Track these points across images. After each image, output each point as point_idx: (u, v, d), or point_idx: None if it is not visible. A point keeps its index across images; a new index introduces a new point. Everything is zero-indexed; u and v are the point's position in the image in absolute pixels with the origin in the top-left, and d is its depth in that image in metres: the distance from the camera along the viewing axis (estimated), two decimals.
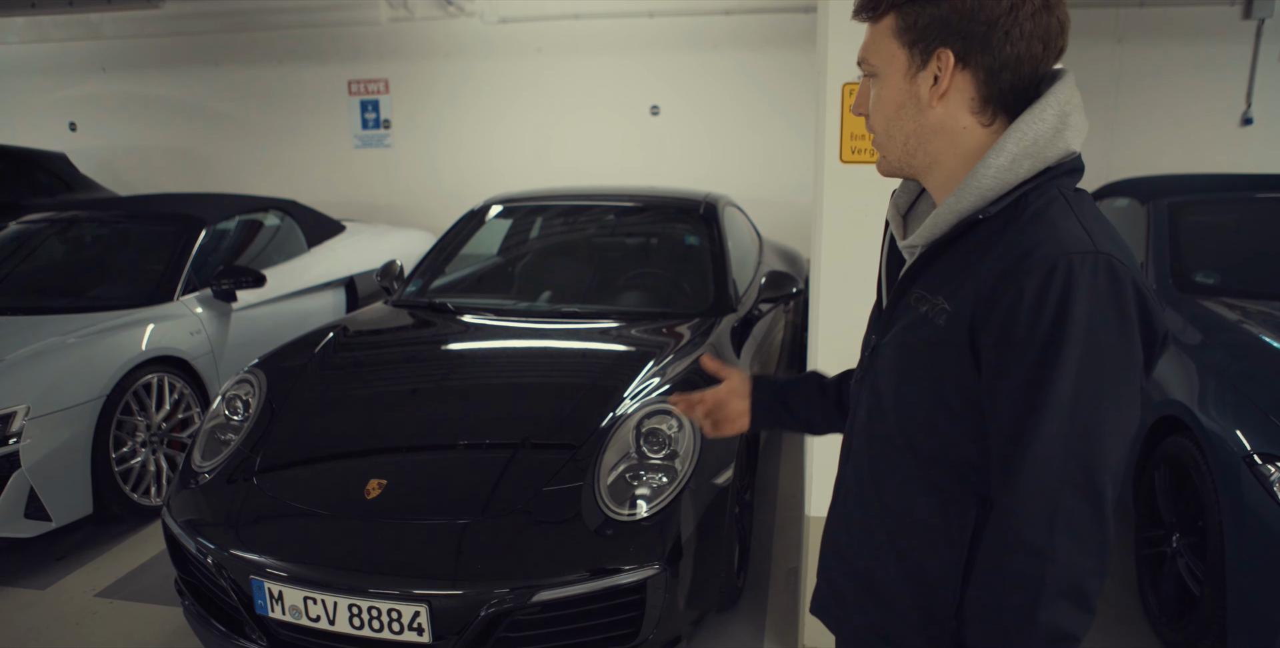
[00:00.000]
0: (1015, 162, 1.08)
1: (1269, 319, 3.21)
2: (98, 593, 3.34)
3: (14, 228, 4.98)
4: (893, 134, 1.17)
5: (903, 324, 1.17)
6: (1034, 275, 0.99)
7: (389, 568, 2.37)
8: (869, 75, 1.19)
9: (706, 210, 4.32)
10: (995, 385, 1.04)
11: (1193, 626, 2.67)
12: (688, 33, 7.75)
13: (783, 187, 7.49)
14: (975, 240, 1.11)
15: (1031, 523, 1.01)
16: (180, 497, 2.77)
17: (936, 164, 1.16)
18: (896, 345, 1.18)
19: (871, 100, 1.19)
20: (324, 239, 5.76)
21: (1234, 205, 4.15)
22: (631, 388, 2.93)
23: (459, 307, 3.87)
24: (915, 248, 1.19)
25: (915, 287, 1.17)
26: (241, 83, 8.78)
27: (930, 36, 1.09)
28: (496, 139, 8.28)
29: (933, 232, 1.14)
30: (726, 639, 2.98)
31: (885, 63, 1.15)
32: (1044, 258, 1.00)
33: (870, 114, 1.20)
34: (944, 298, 1.10)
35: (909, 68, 1.13)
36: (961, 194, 1.10)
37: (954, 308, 1.08)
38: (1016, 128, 1.08)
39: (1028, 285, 1.00)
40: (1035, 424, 1.00)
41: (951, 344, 1.08)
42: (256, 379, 3.14)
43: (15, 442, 3.30)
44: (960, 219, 1.11)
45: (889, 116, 1.17)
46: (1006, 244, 1.05)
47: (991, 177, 1.08)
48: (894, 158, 1.19)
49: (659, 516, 2.50)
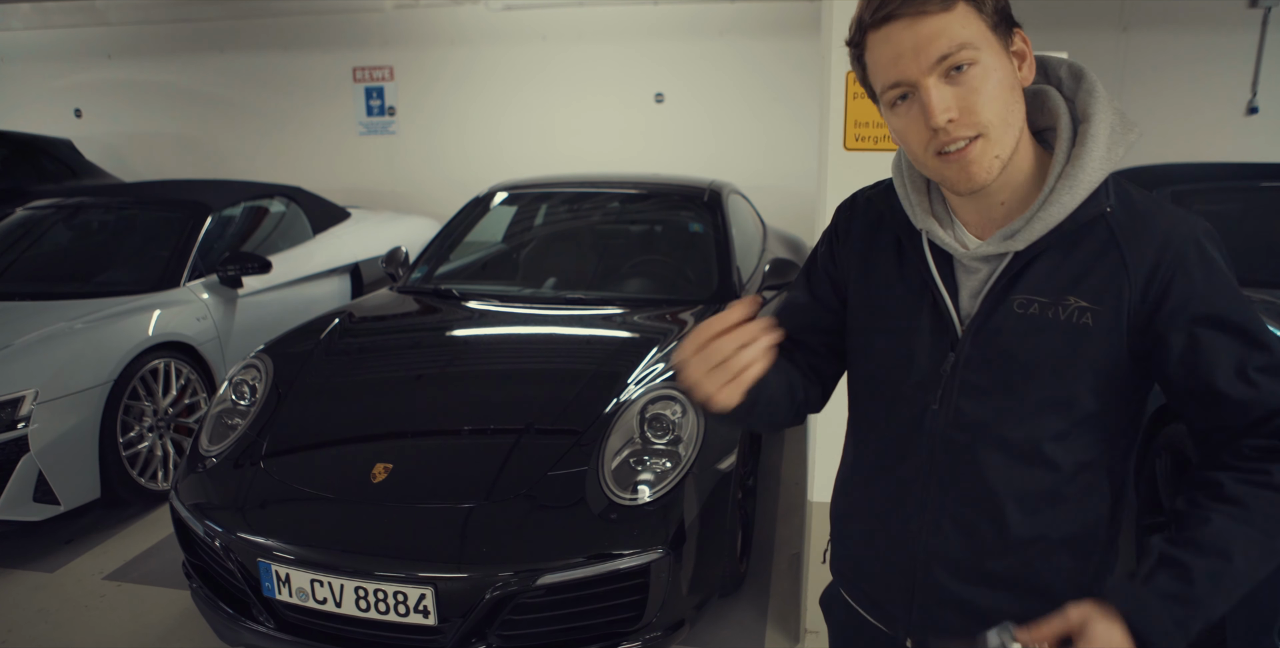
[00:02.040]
0: (1110, 149, 1.09)
1: (1272, 308, 3.21)
2: (106, 576, 3.38)
3: (21, 214, 5.00)
4: (1010, 122, 1.07)
5: (1011, 332, 1.14)
6: (1189, 256, 1.07)
7: (395, 551, 2.40)
8: (956, 67, 1.03)
9: (711, 198, 4.32)
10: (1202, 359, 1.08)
11: None
12: (692, 20, 7.72)
13: (786, 174, 7.47)
14: (1085, 232, 1.11)
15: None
16: (188, 481, 2.80)
17: (1019, 155, 1.11)
18: (1012, 354, 1.14)
19: (967, 95, 1.04)
20: (329, 226, 5.78)
21: (1239, 194, 4.14)
22: (635, 374, 2.95)
23: (464, 293, 3.88)
24: (1003, 254, 1.14)
25: (1015, 293, 1.13)
26: (246, 69, 8.77)
27: (1007, 13, 1.08)
28: (501, 126, 8.27)
29: (1042, 232, 1.10)
30: (729, 624, 3.00)
31: (985, 45, 1.04)
32: (1185, 237, 1.08)
33: (973, 108, 1.04)
34: (1078, 298, 1.10)
35: (1003, 47, 1.07)
36: (1075, 189, 1.08)
37: (1105, 305, 1.09)
38: (1097, 120, 1.10)
39: (1189, 265, 1.07)
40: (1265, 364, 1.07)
41: (1108, 341, 1.10)
42: (263, 364, 3.16)
43: (24, 426, 3.32)
44: (1070, 214, 1.09)
45: (1006, 102, 1.06)
46: (1141, 233, 1.09)
47: (1097, 168, 1.09)
48: (1008, 150, 1.08)
49: (662, 500, 2.52)
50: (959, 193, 1.13)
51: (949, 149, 1.06)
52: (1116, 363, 1.11)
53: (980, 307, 1.16)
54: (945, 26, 1.02)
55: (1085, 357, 1.10)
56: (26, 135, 7.64)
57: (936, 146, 1.07)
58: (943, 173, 1.10)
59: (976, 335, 1.16)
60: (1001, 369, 1.14)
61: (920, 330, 1.21)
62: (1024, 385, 1.13)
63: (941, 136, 1.05)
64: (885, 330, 1.26)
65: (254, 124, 8.89)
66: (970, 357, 1.16)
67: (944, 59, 1.03)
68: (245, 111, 8.88)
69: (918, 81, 1.04)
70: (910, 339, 1.22)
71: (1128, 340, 1.10)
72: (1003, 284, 1.14)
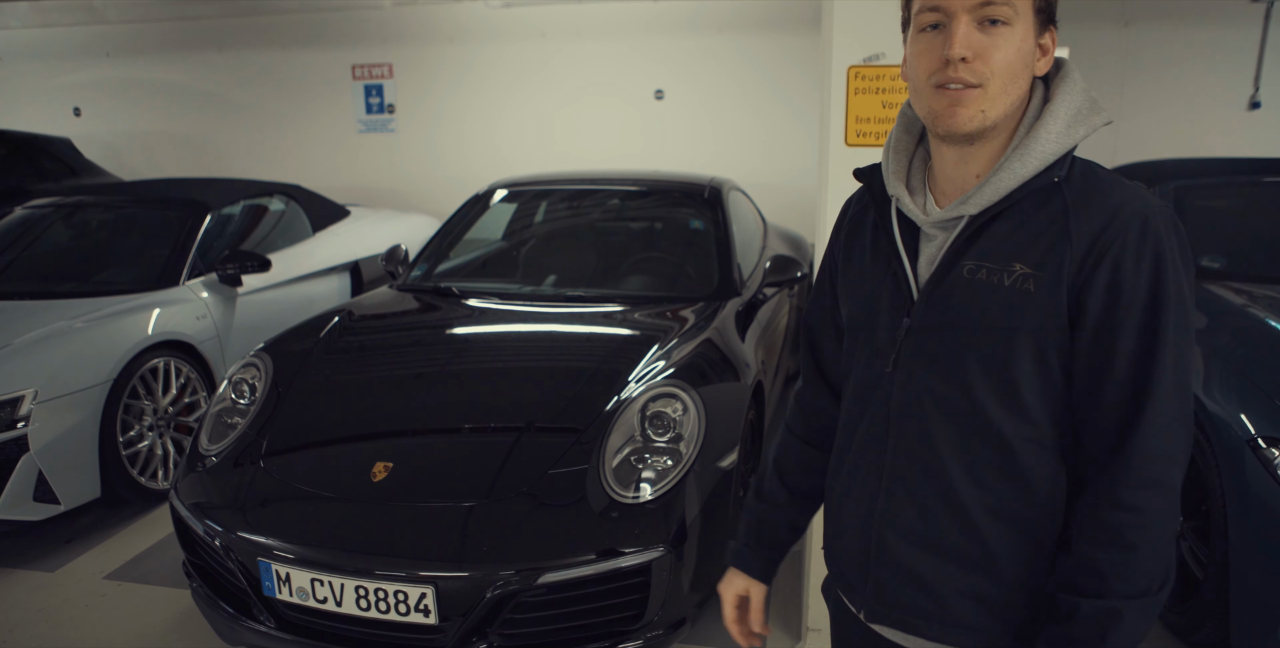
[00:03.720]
0: (1070, 127, 1.14)
1: (1275, 303, 3.20)
2: (106, 575, 3.37)
3: (20, 213, 4.99)
4: (1009, 90, 1.13)
5: (960, 296, 1.16)
6: (1132, 231, 1.08)
7: (395, 550, 2.39)
8: (990, 20, 1.10)
9: (711, 195, 4.31)
10: (1107, 335, 1.09)
11: (1195, 608, 2.68)
12: (692, 17, 7.70)
13: (787, 171, 7.46)
14: (1039, 204, 1.14)
15: (1155, 459, 1.09)
16: (188, 480, 2.79)
17: (1007, 129, 1.17)
18: (959, 318, 1.16)
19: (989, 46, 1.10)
20: (329, 224, 5.77)
21: (1241, 189, 4.13)
22: (636, 371, 2.94)
23: (464, 291, 3.87)
24: (958, 219, 1.18)
25: (966, 258, 1.16)
26: (245, 68, 8.76)
27: (1052, 11, 1.16)
28: (501, 124, 8.26)
29: (993, 197, 1.15)
30: None
31: (1023, 16, 1.12)
32: (1135, 213, 1.09)
33: (987, 59, 1.11)
34: (1023, 265, 1.12)
35: (1036, 28, 1.14)
36: (1026, 158, 1.13)
37: (1046, 272, 1.11)
38: (1061, 98, 1.15)
39: (1129, 239, 1.07)
40: (1154, 366, 1.08)
41: (1048, 307, 1.11)
42: (262, 363, 3.15)
43: (23, 426, 3.32)
44: (1022, 183, 1.14)
45: (1015, 70, 1.13)
46: (1091, 205, 1.11)
47: (1053, 141, 1.13)
48: (996, 113, 1.13)
49: (664, 498, 2.51)
50: (938, 133, 1.17)
51: (950, 86, 1.12)
52: (1058, 331, 1.11)
53: (933, 272, 1.20)
54: None
55: (1027, 324, 1.12)
56: (25, 134, 7.63)
57: (940, 79, 1.12)
58: (932, 105, 1.15)
59: (929, 300, 1.19)
60: (950, 334, 1.17)
61: (882, 297, 1.26)
62: (969, 351, 1.16)
63: (950, 71, 1.11)
64: (856, 301, 1.31)
65: (253, 122, 8.87)
66: (922, 322, 1.20)
67: (986, 5, 1.10)
68: (244, 110, 8.87)
69: (955, 13, 1.10)
70: (874, 306, 1.27)
71: (1067, 309, 1.11)
72: (955, 249, 1.18)
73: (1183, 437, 1.11)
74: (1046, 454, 1.16)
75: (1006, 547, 1.18)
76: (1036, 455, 1.16)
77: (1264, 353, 2.80)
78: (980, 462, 1.17)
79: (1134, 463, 1.09)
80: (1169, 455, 1.10)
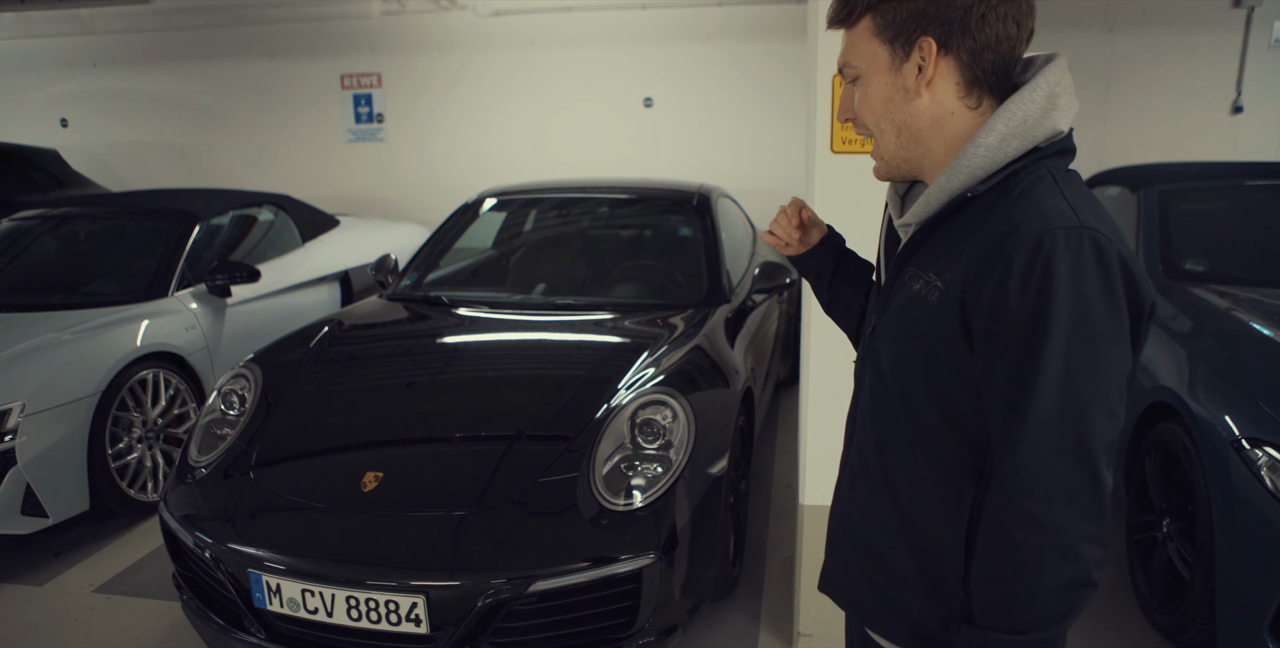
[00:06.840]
0: (1004, 140, 1.10)
1: (1258, 306, 3.23)
2: (96, 589, 3.36)
3: (7, 225, 4.97)
4: (884, 128, 1.19)
5: (899, 302, 1.21)
6: (1021, 250, 1.02)
7: (386, 560, 2.39)
8: (851, 80, 1.20)
9: (700, 202, 4.33)
10: (988, 358, 1.07)
11: (1183, 609, 2.70)
12: (680, 25, 7.74)
13: (775, 177, 7.50)
14: (965, 219, 1.14)
15: (1030, 492, 1.04)
16: (177, 492, 2.78)
17: (929, 153, 1.18)
18: (894, 324, 1.21)
19: (857, 102, 1.21)
20: (318, 234, 5.76)
21: (1224, 193, 4.17)
22: (626, 379, 2.94)
23: (454, 300, 3.88)
24: (909, 227, 1.22)
25: (909, 265, 1.20)
26: (233, 78, 8.76)
27: (910, 28, 1.12)
28: (490, 132, 8.28)
29: (925, 210, 1.18)
30: (722, 628, 3.00)
31: (868, 63, 1.17)
32: (1030, 233, 1.03)
33: (858, 116, 1.21)
34: (935, 275, 1.13)
35: (892, 62, 1.15)
36: (952, 173, 1.13)
37: (946, 284, 1.11)
38: (1007, 108, 1.11)
39: (1016, 259, 1.02)
40: (1029, 395, 1.03)
41: (945, 320, 1.11)
42: (252, 374, 3.15)
43: (11, 439, 3.30)
44: (951, 197, 1.14)
45: (878, 112, 1.18)
46: (994, 221, 1.08)
47: (981, 156, 1.11)
48: (889, 155, 1.21)
49: (654, 505, 2.51)
50: None
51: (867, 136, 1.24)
52: (956, 345, 1.11)
53: (885, 278, 1.28)
54: (848, 41, 1.19)
55: (932, 333, 1.13)
56: (12, 145, 7.61)
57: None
58: None
59: (883, 306, 1.26)
60: (887, 342, 1.23)
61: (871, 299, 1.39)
62: (903, 359, 1.20)
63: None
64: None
65: (242, 132, 8.88)
66: (875, 326, 1.27)
67: (842, 68, 1.22)
68: (233, 120, 8.87)
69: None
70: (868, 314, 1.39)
71: (962, 326, 1.10)
72: (902, 256, 1.23)
73: (1073, 473, 1.02)
74: (954, 476, 1.16)
75: (909, 555, 1.22)
76: (945, 473, 1.16)
77: (1248, 355, 2.82)
78: (905, 468, 1.21)
79: (1014, 495, 1.05)
80: (1048, 492, 1.03)
